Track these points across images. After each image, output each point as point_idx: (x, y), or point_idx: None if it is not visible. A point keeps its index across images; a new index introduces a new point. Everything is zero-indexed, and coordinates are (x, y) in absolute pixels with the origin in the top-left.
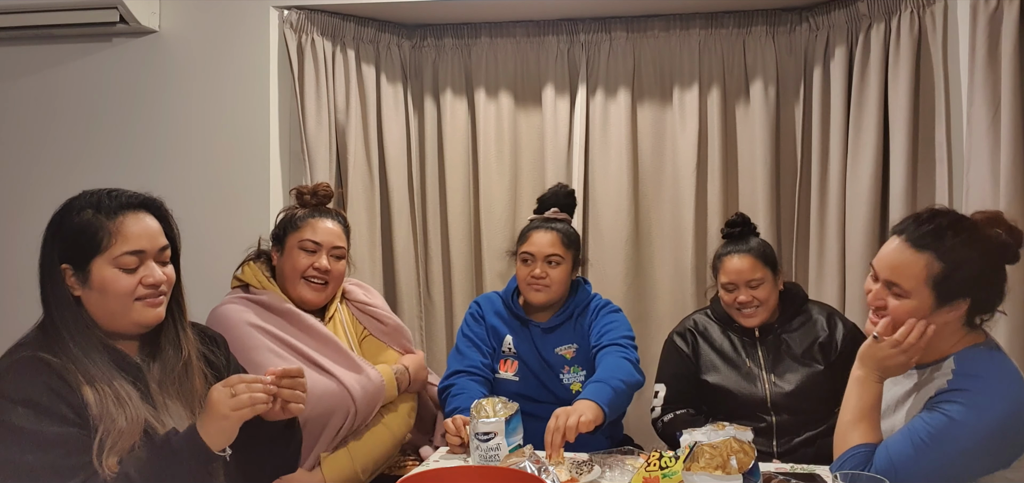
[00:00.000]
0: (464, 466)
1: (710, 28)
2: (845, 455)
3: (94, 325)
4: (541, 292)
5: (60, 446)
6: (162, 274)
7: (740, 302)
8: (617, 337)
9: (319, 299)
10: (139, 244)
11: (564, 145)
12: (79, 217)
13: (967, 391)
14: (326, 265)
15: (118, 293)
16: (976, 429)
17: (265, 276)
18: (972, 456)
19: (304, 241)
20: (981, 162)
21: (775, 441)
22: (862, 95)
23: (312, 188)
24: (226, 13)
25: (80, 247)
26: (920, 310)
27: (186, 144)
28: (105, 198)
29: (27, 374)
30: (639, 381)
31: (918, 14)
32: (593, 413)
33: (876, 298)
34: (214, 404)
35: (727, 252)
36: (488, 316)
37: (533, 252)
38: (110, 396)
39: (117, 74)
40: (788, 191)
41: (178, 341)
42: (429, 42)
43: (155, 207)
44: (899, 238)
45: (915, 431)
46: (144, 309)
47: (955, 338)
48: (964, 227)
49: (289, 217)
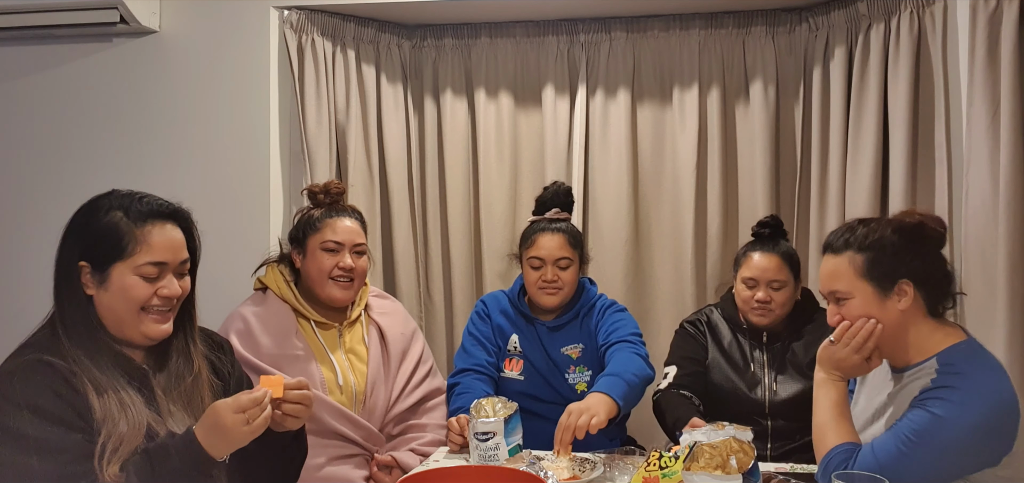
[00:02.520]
0: (464, 466)
1: (710, 28)
2: (827, 456)
3: (101, 327)
4: (554, 296)
5: (64, 452)
6: (178, 288)
7: (758, 300)
8: (626, 334)
9: (347, 296)
10: (162, 256)
11: (564, 145)
12: (107, 218)
13: (951, 388)
14: (350, 263)
15: (132, 301)
16: (961, 426)
17: (286, 281)
18: (959, 453)
19: (326, 242)
20: (981, 162)
21: (769, 445)
22: (862, 95)
23: (323, 186)
24: (226, 13)
25: (103, 249)
26: (866, 305)
27: (186, 144)
28: (136, 203)
29: (33, 378)
30: (650, 376)
31: (918, 14)
32: (606, 411)
33: (831, 316)
34: (228, 429)
35: (755, 248)
36: (494, 315)
37: (543, 257)
38: (114, 401)
39: (117, 74)
40: (788, 191)
41: (189, 352)
42: (429, 42)
43: (182, 218)
44: (825, 255)
45: (900, 430)
46: (152, 324)
47: (928, 333)
48: (872, 220)
49: (307, 219)
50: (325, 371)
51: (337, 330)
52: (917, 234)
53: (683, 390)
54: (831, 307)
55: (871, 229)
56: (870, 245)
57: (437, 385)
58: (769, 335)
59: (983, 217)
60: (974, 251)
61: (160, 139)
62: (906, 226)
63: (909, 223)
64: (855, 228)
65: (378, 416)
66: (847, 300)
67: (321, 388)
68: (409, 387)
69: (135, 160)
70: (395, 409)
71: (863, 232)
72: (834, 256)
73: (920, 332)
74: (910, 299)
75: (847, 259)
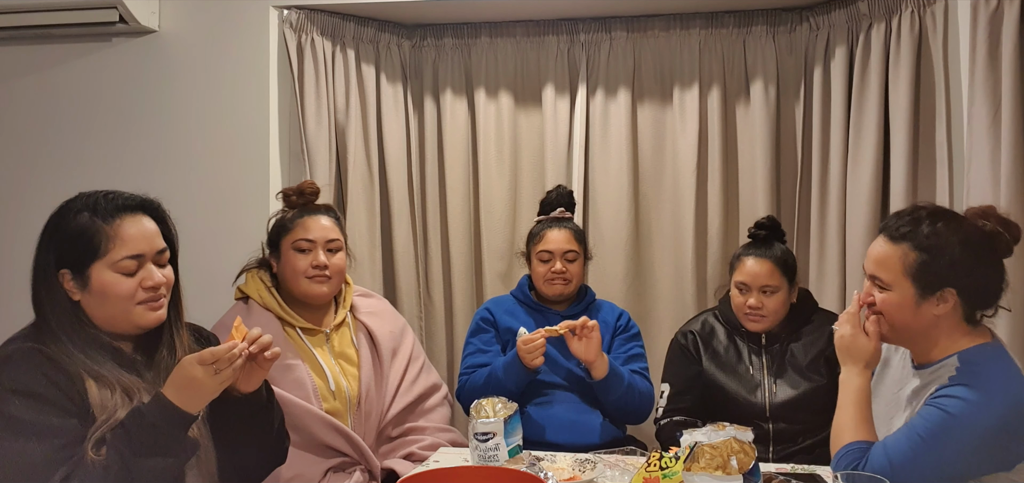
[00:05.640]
0: (463, 466)
1: (710, 28)
2: (840, 453)
3: (91, 325)
4: (563, 286)
5: (57, 435)
6: (161, 276)
7: (750, 306)
8: (637, 367)
9: (325, 291)
10: (137, 247)
11: (564, 145)
12: (76, 221)
13: (967, 386)
14: (323, 260)
15: (118, 297)
16: (974, 426)
17: (266, 287)
18: (971, 454)
19: (297, 241)
20: (981, 162)
21: (771, 448)
22: (862, 95)
23: (297, 188)
24: (226, 13)
25: (78, 252)
26: (903, 302)
27: (186, 144)
28: (101, 200)
29: (24, 364)
30: (643, 395)
31: (918, 14)
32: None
33: (866, 294)
34: (199, 380)
35: (748, 252)
36: (501, 319)
37: (552, 250)
38: (110, 386)
39: (117, 74)
40: (788, 191)
41: (173, 344)
42: (429, 42)
43: (152, 208)
44: (881, 235)
45: (913, 428)
46: (145, 312)
47: (957, 336)
48: (942, 217)
49: (280, 221)
50: (316, 378)
51: (324, 335)
52: (986, 246)
53: (683, 416)
54: (867, 285)
55: (936, 231)
56: (929, 247)
57: (433, 381)
58: (767, 337)
59: None
60: None
61: (159, 139)
62: (975, 236)
63: (981, 232)
64: (921, 221)
65: (375, 419)
66: (885, 290)
67: (313, 396)
68: (404, 385)
69: (134, 160)
70: (392, 410)
71: (927, 231)
72: (888, 242)
73: (951, 334)
74: (949, 306)
75: (901, 252)
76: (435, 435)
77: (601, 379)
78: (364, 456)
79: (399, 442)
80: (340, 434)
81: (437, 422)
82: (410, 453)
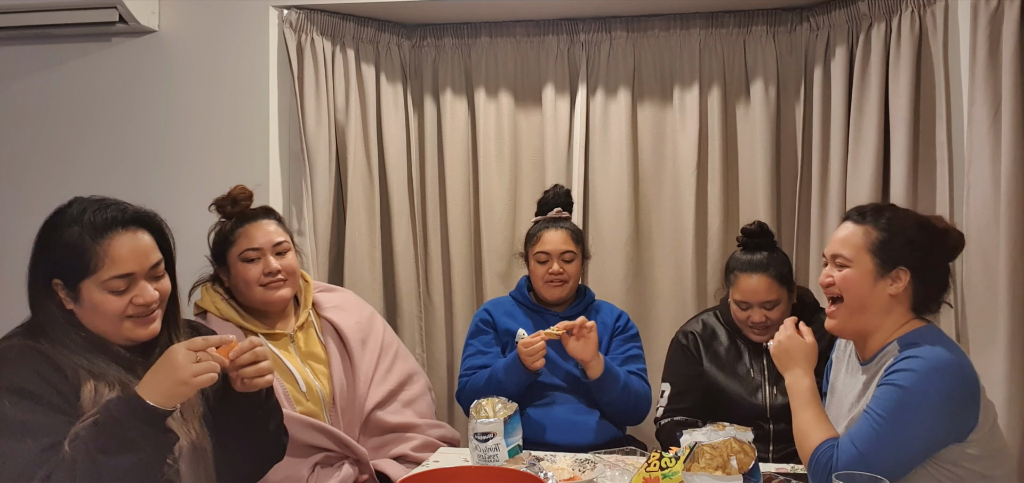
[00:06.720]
0: (463, 466)
1: (710, 28)
2: (813, 457)
3: (85, 329)
4: (561, 288)
5: (47, 435)
6: (154, 292)
7: (753, 322)
8: (634, 368)
9: (285, 294)
10: (127, 267)
11: (564, 145)
12: (66, 235)
13: (913, 358)
14: (275, 266)
15: (108, 315)
16: (926, 392)
17: (223, 299)
18: (928, 422)
19: (244, 252)
20: (982, 162)
21: (771, 448)
22: (863, 95)
23: (229, 196)
24: (226, 13)
25: (69, 267)
26: (862, 278)
27: (185, 144)
28: (91, 215)
29: (18, 362)
30: (640, 396)
31: (919, 14)
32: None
33: (824, 277)
34: (177, 366)
35: (743, 269)
36: (500, 320)
37: (549, 251)
38: (116, 388)
39: (116, 74)
40: (788, 191)
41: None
42: (429, 42)
43: (145, 220)
44: (846, 220)
45: (872, 410)
46: (135, 328)
47: (900, 323)
48: (903, 209)
49: (220, 234)
50: (286, 384)
51: (288, 338)
52: (938, 238)
53: (684, 416)
54: (826, 269)
55: (897, 216)
56: (889, 227)
57: (409, 368)
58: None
59: (984, 216)
60: (975, 250)
61: (159, 139)
62: (932, 227)
63: (936, 226)
64: (884, 211)
65: (354, 413)
66: (846, 268)
67: (285, 400)
68: (379, 374)
69: (134, 160)
70: (371, 400)
71: (889, 215)
72: (851, 224)
73: (894, 322)
74: (902, 287)
75: (863, 231)
76: (427, 433)
77: (597, 378)
78: (348, 447)
79: (390, 439)
80: (318, 431)
81: (425, 416)
82: (402, 454)
